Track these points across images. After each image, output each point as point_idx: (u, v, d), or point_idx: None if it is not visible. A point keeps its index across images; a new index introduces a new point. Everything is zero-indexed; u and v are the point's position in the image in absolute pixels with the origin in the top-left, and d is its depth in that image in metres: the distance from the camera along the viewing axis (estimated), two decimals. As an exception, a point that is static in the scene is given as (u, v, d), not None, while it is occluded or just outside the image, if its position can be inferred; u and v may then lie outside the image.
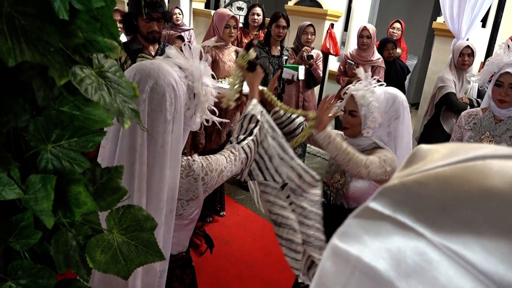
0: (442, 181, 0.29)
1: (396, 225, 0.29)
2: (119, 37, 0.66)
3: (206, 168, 1.15)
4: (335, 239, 0.32)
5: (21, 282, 0.67)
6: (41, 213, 0.64)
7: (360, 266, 0.29)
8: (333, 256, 0.31)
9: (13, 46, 0.56)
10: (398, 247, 0.28)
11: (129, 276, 0.72)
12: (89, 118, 0.67)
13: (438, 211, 0.28)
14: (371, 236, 0.30)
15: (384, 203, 0.30)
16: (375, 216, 0.31)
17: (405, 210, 0.29)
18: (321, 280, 0.31)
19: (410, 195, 0.30)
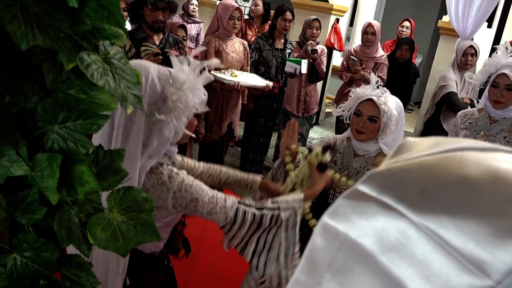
0: (424, 168, 0.32)
1: (381, 206, 0.32)
2: (125, 25, 0.70)
3: (183, 186, 1.13)
4: (325, 217, 0.35)
5: (26, 255, 0.71)
6: (46, 190, 0.68)
7: (347, 242, 0.32)
8: (323, 233, 0.34)
9: (26, 31, 0.59)
10: (381, 225, 0.31)
11: (127, 254, 0.76)
12: (94, 101, 0.70)
13: (419, 194, 0.31)
14: (358, 215, 0.33)
15: (371, 186, 0.34)
16: (362, 198, 0.34)
17: (389, 193, 0.33)
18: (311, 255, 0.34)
19: (394, 180, 0.33)
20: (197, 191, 1.14)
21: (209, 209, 1.15)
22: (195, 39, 4.50)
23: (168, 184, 1.12)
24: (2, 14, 0.58)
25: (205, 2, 6.37)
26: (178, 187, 1.13)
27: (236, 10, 2.76)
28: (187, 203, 1.14)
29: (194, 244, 2.65)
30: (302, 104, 3.62)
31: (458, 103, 2.93)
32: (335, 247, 0.33)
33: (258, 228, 1.18)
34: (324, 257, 0.33)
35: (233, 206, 1.17)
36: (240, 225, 1.17)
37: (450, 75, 3.03)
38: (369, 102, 1.54)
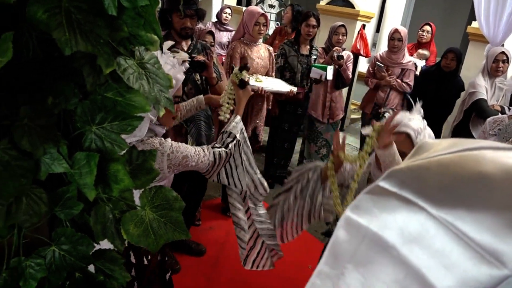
0: (442, 165, 0.34)
1: (402, 200, 0.34)
2: (161, 32, 0.73)
3: (174, 148, 1.38)
4: (348, 211, 0.36)
5: (63, 248, 0.75)
6: (84, 187, 0.72)
7: (369, 234, 0.34)
8: (346, 226, 0.36)
9: (70, 37, 0.63)
10: (402, 219, 0.33)
11: (158, 250, 0.79)
12: (130, 104, 0.74)
13: (438, 189, 0.33)
14: (379, 209, 0.35)
15: (392, 182, 0.35)
16: (383, 193, 0.35)
17: (409, 188, 0.34)
18: (334, 247, 0.36)
19: (414, 177, 0.35)
20: (184, 149, 1.40)
21: (197, 160, 1.42)
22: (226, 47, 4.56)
23: (161, 149, 1.35)
24: (49, 21, 0.63)
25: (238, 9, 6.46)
26: (170, 149, 1.37)
27: (261, 16, 2.79)
28: (179, 161, 1.39)
29: (218, 247, 2.69)
30: (327, 110, 3.61)
31: (488, 110, 2.86)
32: (358, 239, 0.34)
33: (228, 159, 1.50)
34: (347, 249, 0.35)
35: (210, 152, 1.47)
36: (218, 164, 1.47)
37: (480, 81, 2.96)
38: (405, 136, 1.39)
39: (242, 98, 1.59)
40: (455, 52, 3.38)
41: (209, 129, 2.37)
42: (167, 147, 1.37)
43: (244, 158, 1.53)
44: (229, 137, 1.51)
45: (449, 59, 3.37)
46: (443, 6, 7.38)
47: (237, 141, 1.50)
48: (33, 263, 0.73)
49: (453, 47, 3.48)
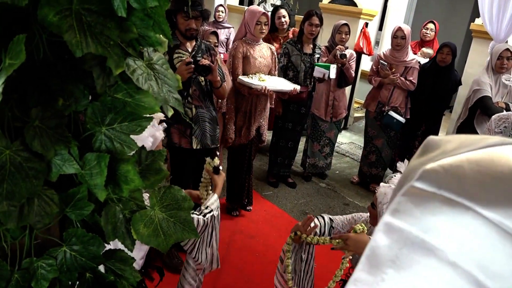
0: (474, 163, 0.33)
1: (444, 201, 0.33)
2: (170, 33, 0.73)
3: None
4: (387, 216, 0.35)
5: (75, 248, 0.76)
6: (94, 187, 0.72)
7: (412, 237, 0.32)
8: (385, 230, 0.34)
9: (80, 39, 0.63)
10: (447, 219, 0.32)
11: (168, 249, 0.80)
12: (139, 104, 0.74)
13: (480, 188, 0.32)
14: (421, 210, 0.33)
15: (428, 183, 0.34)
16: (421, 194, 0.34)
17: (449, 188, 0.33)
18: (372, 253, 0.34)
19: (450, 175, 0.34)
20: None
21: None
22: (225, 44, 4.57)
23: None
24: (60, 24, 0.63)
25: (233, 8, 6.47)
26: None
27: (263, 16, 2.79)
28: None
29: (223, 247, 2.70)
30: (330, 109, 3.62)
31: (493, 107, 2.85)
32: (399, 243, 0.33)
33: (204, 229, 1.54)
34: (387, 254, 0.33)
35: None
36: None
37: (484, 78, 2.95)
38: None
39: (217, 182, 1.71)
40: (450, 46, 3.42)
41: (213, 130, 2.37)
42: None
43: (214, 234, 1.61)
44: (206, 209, 1.58)
45: (445, 54, 3.41)
46: (446, 4, 7.35)
47: (213, 214, 1.57)
48: (45, 264, 0.74)
49: (449, 41, 3.52)
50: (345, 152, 4.81)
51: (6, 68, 0.61)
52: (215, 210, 1.59)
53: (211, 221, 1.56)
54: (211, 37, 2.92)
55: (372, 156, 3.78)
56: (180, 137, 2.27)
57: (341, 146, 4.96)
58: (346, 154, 4.78)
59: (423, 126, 3.69)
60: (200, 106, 2.30)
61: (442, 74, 3.46)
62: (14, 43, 0.62)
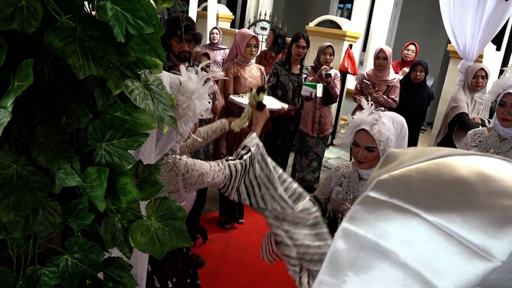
0: (422, 173, 0.37)
1: (394, 208, 0.36)
2: (165, 57, 0.81)
3: (189, 166, 1.33)
4: (344, 222, 0.39)
5: (76, 256, 0.80)
6: (95, 199, 0.78)
7: (368, 241, 0.36)
8: (344, 236, 0.37)
9: (83, 63, 0.70)
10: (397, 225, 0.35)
11: (163, 257, 0.85)
12: (137, 122, 0.81)
13: (426, 196, 0.36)
14: (374, 218, 0.37)
15: (380, 192, 0.38)
16: (375, 202, 0.38)
17: (399, 196, 0.37)
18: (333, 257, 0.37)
19: (400, 185, 0.38)
20: (200, 166, 1.36)
21: (212, 176, 1.38)
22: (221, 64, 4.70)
23: (175, 170, 1.31)
24: (64, 49, 0.70)
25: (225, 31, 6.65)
26: (185, 169, 1.33)
27: (252, 38, 2.91)
28: (195, 180, 1.35)
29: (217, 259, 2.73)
30: (317, 125, 3.72)
31: (470, 123, 2.98)
32: (356, 247, 0.36)
33: (244, 173, 1.43)
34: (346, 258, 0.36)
35: (225, 165, 1.42)
36: (235, 177, 1.42)
37: (461, 96, 3.09)
38: (364, 132, 1.54)
39: (259, 119, 1.61)
40: (423, 64, 3.67)
41: (206, 146, 2.45)
42: (182, 166, 1.32)
43: (263, 176, 1.44)
44: (243, 150, 1.47)
45: (418, 71, 3.65)
46: (425, 26, 7.64)
47: (252, 153, 1.44)
48: (48, 271, 0.78)
49: (421, 60, 3.79)
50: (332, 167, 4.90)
51: (15, 89, 0.67)
52: (253, 148, 1.45)
53: (250, 163, 1.43)
54: (203, 58, 3.03)
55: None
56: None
57: (328, 161, 5.06)
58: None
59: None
60: (192, 123, 2.38)
61: (417, 90, 3.65)
62: (22, 67, 0.68)
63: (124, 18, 0.74)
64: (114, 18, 0.74)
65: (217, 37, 4.88)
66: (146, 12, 0.75)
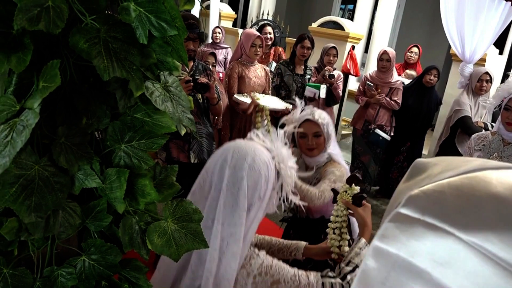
0: (455, 189, 0.36)
1: (427, 226, 0.35)
2: (187, 60, 0.81)
3: (263, 268, 1.06)
4: (375, 241, 0.38)
5: (93, 257, 0.80)
6: (114, 200, 0.78)
7: (400, 261, 0.35)
8: (374, 255, 0.37)
9: (107, 64, 0.70)
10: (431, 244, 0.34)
11: (179, 259, 0.85)
12: (156, 124, 0.81)
13: (460, 213, 0.35)
14: (406, 236, 0.36)
15: (412, 209, 0.37)
16: (407, 220, 0.37)
17: (431, 214, 0.36)
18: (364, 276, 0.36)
19: (432, 201, 0.36)
20: (278, 271, 1.07)
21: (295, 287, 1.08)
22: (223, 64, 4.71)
23: (248, 268, 1.05)
24: (89, 50, 0.70)
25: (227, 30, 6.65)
26: (258, 270, 1.06)
27: (257, 39, 2.91)
28: (267, 286, 1.06)
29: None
30: (319, 127, 3.73)
31: (473, 126, 2.99)
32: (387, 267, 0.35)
33: None
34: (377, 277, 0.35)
35: (318, 281, 1.10)
36: None
37: (464, 99, 3.10)
38: (308, 121, 1.77)
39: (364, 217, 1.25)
40: (437, 69, 3.65)
41: (210, 146, 2.45)
42: (256, 266, 1.05)
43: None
44: (348, 266, 1.16)
45: (432, 75, 3.62)
46: (427, 29, 7.66)
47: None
48: (65, 272, 0.78)
49: (435, 64, 3.74)
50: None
51: (41, 90, 0.67)
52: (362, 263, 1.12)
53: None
54: (209, 57, 3.03)
55: (359, 172, 3.89)
56: (179, 152, 2.34)
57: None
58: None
59: (407, 142, 3.83)
60: (197, 122, 2.39)
61: (427, 95, 3.63)
62: (48, 67, 0.68)
63: (148, 19, 0.74)
64: (137, 19, 0.74)
65: (219, 36, 4.88)
66: (170, 14, 0.75)
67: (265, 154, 1.05)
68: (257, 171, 1.02)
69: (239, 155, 1.04)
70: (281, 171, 1.07)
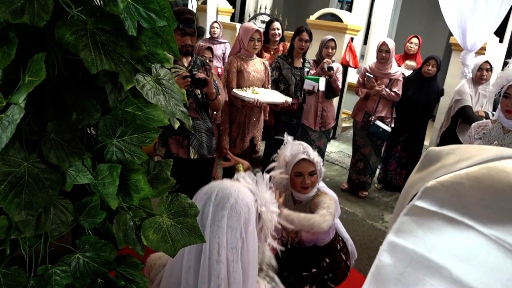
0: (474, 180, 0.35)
1: (446, 220, 0.34)
2: (178, 51, 0.79)
3: None
4: (391, 235, 0.36)
5: (87, 255, 0.79)
6: (107, 196, 0.76)
7: (416, 256, 0.33)
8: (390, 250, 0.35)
9: (95, 57, 0.68)
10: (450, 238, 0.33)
11: (175, 254, 0.83)
12: (148, 117, 0.79)
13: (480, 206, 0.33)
14: (424, 230, 0.34)
15: (429, 201, 0.35)
16: (423, 213, 0.35)
17: (450, 207, 0.34)
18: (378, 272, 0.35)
19: (451, 194, 0.35)
20: None
21: None
22: (221, 58, 4.68)
23: None
24: (76, 43, 0.68)
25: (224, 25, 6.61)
26: None
27: (256, 32, 2.88)
28: None
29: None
30: (319, 119, 3.71)
31: (474, 116, 2.97)
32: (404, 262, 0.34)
33: None
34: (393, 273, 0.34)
35: None
36: None
37: (465, 89, 3.08)
38: (303, 160, 1.81)
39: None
40: (436, 59, 3.60)
41: (210, 141, 2.43)
42: None
43: None
44: None
45: (431, 66, 3.58)
46: (426, 19, 7.60)
47: None
48: (59, 270, 0.77)
49: (434, 54, 3.69)
50: (334, 161, 4.90)
51: (26, 85, 0.65)
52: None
53: None
54: (206, 52, 3.01)
55: (360, 164, 3.87)
56: (178, 148, 2.32)
57: (330, 154, 5.06)
58: (336, 162, 4.87)
59: (406, 133, 3.82)
60: (196, 117, 2.36)
61: (426, 85, 3.60)
62: (33, 61, 0.66)
63: (136, 10, 0.72)
64: (126, 11, 0.71)
65: (217, 31, 4.85)
66: (159, 4, 0.73)
67: (248, 196, 1.08)
68: (238, 212, 1.05)
69: (223, 194, 1.07)
70: (263, 214, 1.11)
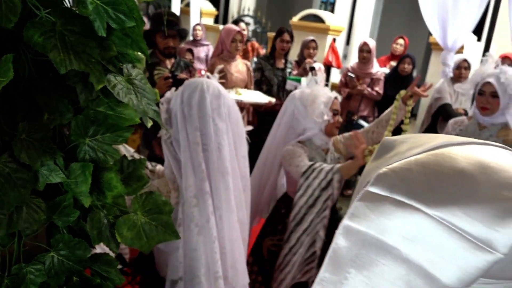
0: (421, 165, 0.37)
1: (395, 204, 0.36)
2: (147, 51, 0.80)
3: None
4: (346, 220, 0.38)
5: (62, 253, 0.80)
6: (80, 195, 0.77)
7: (369, 238, 0.35)
8: (345, 233, 0.37)
9: (64, 58, 0.69)
10: (400, 220, 0.35)
11: (150, 251, 0.85)
12: (120, 116, 0.80)
13: (427, 189, 0.35)
14: (376, 214, 0.36)
15: (381, 187, 0.37)
16: (376, 198, 0.37)
17: (400, 191, 0.36)
18: (334, 254, 0.37)
19: (401, 179, 0.37)
20: None
21: None
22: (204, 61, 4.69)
23: None
24: (44, 44, 0.69)
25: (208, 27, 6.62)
26: None
27: (237, 34, 2.91)
28: None
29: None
30: (302, 120, 3.75)
31: (453, 113, 3.03)
32: (358, 244, 0.36)
33: None
34: (348, 255, 0.36)
35: None
36: None
37: (443, 87, 3.14)
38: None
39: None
40: (411, 57, 3.72)
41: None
42: None
43: None
44: None
45: (406, 64, 3.69)
46: (407, 20, 7.72)
47: None
48: (33, 269, 0.77)
49: (409, 53, 3.84)
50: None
51: (-5, 85, 0.66)
52: None
53: None
54: (187, 54, 3.02)
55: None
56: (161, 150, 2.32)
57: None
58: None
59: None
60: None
61: (403, 83, 3.67)
62: (2, 62, 0.67)
63: (105, 12, 0.73)
64: (95, 12, 0.73)
65: (200, 33, 4.87)
66: (127, 5, 0.74)
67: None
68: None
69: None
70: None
